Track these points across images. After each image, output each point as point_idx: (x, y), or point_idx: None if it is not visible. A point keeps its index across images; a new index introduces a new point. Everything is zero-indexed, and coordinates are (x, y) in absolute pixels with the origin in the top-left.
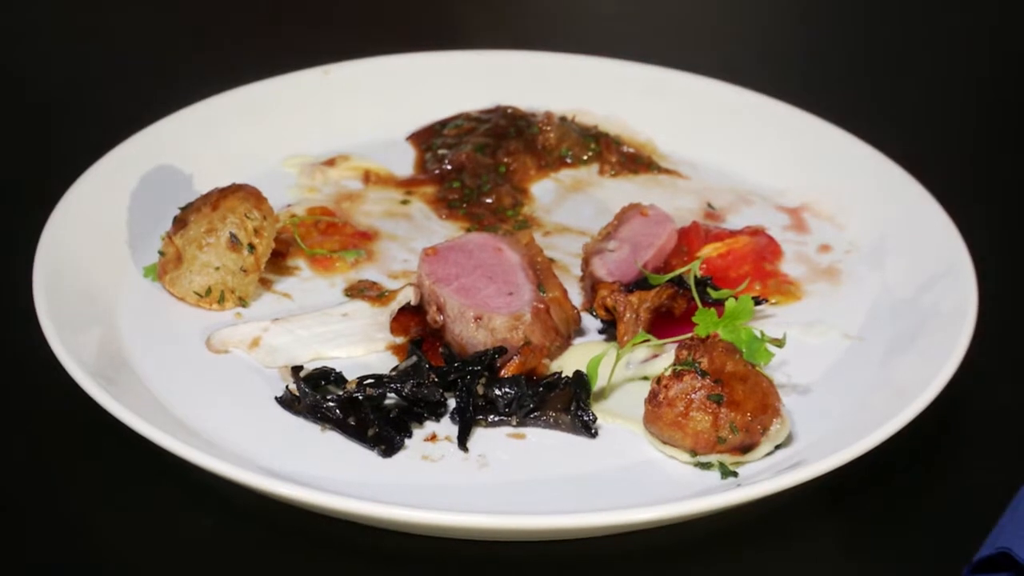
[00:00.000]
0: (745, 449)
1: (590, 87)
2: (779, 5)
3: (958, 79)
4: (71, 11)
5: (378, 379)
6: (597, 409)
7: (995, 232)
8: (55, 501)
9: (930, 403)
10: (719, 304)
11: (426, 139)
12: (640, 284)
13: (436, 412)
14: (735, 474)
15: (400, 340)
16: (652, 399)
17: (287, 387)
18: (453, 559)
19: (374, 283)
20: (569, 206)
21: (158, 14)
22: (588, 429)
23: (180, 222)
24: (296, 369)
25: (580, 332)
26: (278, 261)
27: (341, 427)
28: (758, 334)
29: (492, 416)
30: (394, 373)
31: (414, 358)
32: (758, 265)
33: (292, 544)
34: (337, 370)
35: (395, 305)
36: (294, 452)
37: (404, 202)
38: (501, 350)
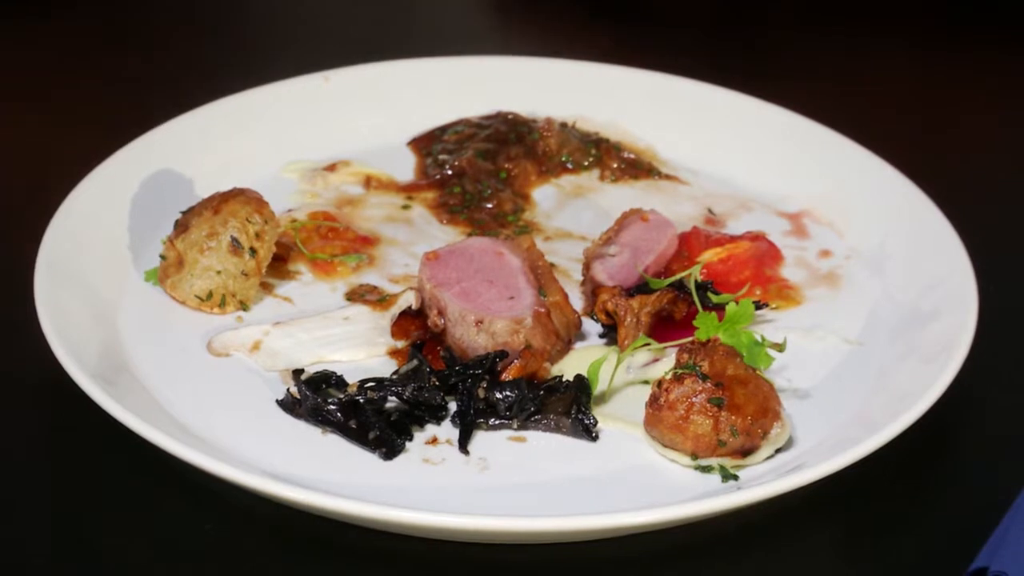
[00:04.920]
0: (746, 452)
1: (590, 93)
2: (780, 10)
3: (958, 81)
4: (73, 14)
5: (379, 382)
6: (598, 412)
7: (995, 237)
8: (55, 501)
9: (930, 407)
10: (720, 308)
11: (427, 144)
12: (641, 288)
13: (437, 415)
14: (736, 477)
15: (401, 344)
16: (653, 402)
17: (288, 390)
18: (453, 561)
19: (375, 287)
20: (570, 211)
21: (160, 19)
22: (589, 432)
23: (181, 226)
24: (297, 372)
25: (581, 336)
26: (279, 265)
27: (342, 430)
28: (758, 338)
29: (493, 419)
30: (395, 376)
31: (415, 362)
32: (758, 270)
33: (293, 546)
34: (338, 373)
35: (396, 309)
36: (295, 455)
37: (405, 207)
38: (502, 354)
